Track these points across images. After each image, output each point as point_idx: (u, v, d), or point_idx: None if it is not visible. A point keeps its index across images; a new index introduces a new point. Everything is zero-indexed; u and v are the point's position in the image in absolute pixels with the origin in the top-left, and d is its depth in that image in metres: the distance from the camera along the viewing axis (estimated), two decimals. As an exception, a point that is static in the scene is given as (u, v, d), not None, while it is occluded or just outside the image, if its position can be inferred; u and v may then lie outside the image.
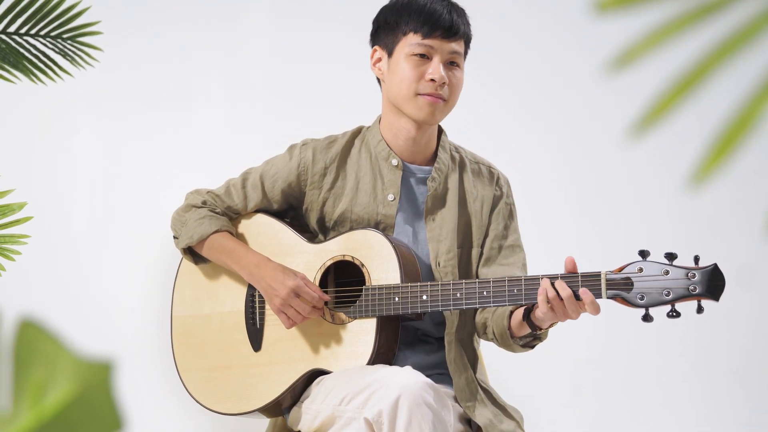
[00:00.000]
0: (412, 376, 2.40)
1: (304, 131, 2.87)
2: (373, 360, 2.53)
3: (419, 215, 2.68)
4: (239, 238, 2.75)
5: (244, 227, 2.76)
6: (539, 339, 2.55)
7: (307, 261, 2.66)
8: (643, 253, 2.35)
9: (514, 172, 2.92)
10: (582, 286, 2.36)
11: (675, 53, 0.90)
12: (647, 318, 2.33)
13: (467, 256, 2.67)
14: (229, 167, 2.92)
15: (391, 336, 2.57)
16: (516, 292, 2.43)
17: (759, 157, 3.64)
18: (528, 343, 2.55)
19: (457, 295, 2.48)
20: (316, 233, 2.73)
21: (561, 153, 3.79)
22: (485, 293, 2.46)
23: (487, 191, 2.72)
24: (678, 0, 0.82)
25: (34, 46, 2.08)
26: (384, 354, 2.55)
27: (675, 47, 0.84)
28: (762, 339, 3.73)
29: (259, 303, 2.70)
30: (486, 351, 2.83)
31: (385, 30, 2.63)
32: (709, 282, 2.31)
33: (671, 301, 2.32)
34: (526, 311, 2.47)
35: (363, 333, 2.56)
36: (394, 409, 2.35)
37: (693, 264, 2.33)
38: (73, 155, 3.58)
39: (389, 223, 2.66)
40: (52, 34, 2.06)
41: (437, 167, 2.68)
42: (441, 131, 2.73)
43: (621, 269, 2.36)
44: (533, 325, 2.46)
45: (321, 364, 2.60)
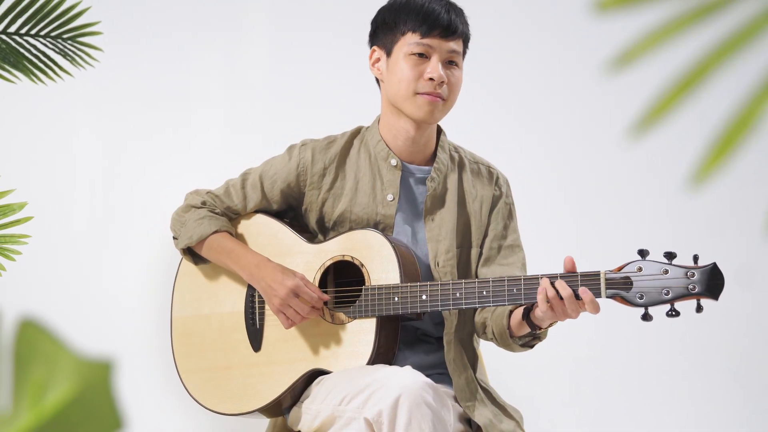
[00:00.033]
0: (412, 376, 2.40)
1: (304, 131, 2.87)
2: (373, 360, 2.53)
3: (418, 215, 2.68)
4: (239, 238, 2.75)
5: (243, 227, 2.76)
6: (539, 338, 2.55)
7: (307, 261, 2.66)
8: (643, 253, 2.35)
9: (514, 172, 2.92)
10: (581, 285, 2.36)
11: (675, 53, 0.90)
12: (647, 317, 2.33)
13: (466, 256, 2.67)
14: (229, 167, 2.92)
15: (391, 336, 2.57)
16: (515, 291, 2.43)
17: (759, 157, 3.64)
18: (527, 343, 2.55)
19: (457, 295, 2.48)
20: (315, 233, 2.73)
21: (561, 153, 3.79)
22: (485, 293, 2.46)
23: (487, 191, 2.72)
24: (678, 0, 0.82)
25: (34, 46, 2.07)
26: (384, 354, 2.55)
27: (675, 47, 0.84)
28: (762, 339, 3.73)
29: (259, 303, 2.70)
30: (486, 351, 2.83)
31: (384, 30, 2.63)
32: (709, 281, 2.31)
33: (670, 301, 2.32)
34: (525, 311, 2.46)
35: (363, 333, 2.56)
36: (394, 409, 2.35)
37: (692, 263, 2.33)
38: (73, 155, 3.58)
39: (388, 223, 2.66)
40: (52, 34, 2.06)
41: (436, 167, 2.68)
42: (440, 131, 2.73)
43: (620, 268, 2.36)
44: (533, 325, 2.46)
45: (321, 364, 2.60)
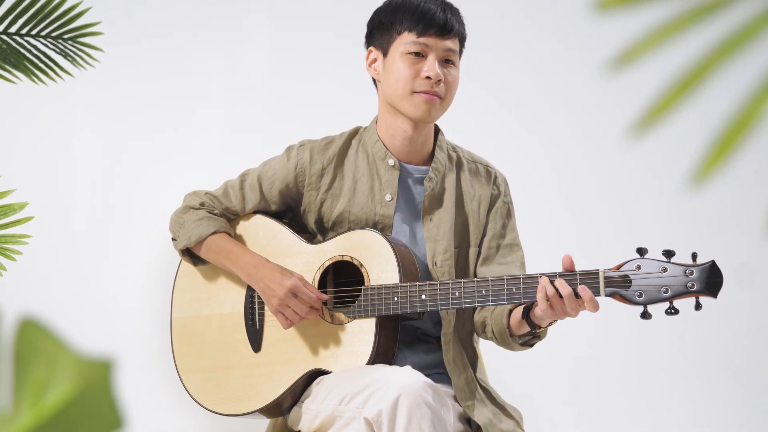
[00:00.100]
0: (411, 375, 2.40)
1: (304, 131, 2.87)
2: (373, 360, 2.53)
3: (417, 215, 2.68)
4: (238, 239, 2.75)
5: (242, 228, 2.76)
6: (538, 337, 2.55)
7: (306, 261, 2.66)
8: (641, 251, 2.35)
9: (513, 171, 2.92)
10: (580, 283, 2.36)
11: (675, 53, 0.90)
12: (646, 315, 2.33)
13: (465, 255, 2.67)
14: (229, 167, 2.92)
15: (391, 336, 2.57)
16: (514, 290, 2.43)
17: (759, 157, 3.64)
18: (527, 342, 2.55)
19: (456, 295, 2.48)
20: (314, 234, 2.73)
21: (561, 153, 3.79)
22: (484, 292, 2.46)
23: (485, 190, 2.72)
24: (678, 0, 0.82)
25: (35, 46, 2.08)
26: (383, 354, 2.55)
27: (675, 47, 0.84)
28: (762, 339, 3.73)
29: (259, 304, 2.70)
30: (485, 350, 2.83)
31: (380, 30, 2.64)
32: (708, 279, 2.31)
33: (669, 298, 2.32)
34: (525, 310, 2.46)
35: (362, 333, 2.56)
36: (393, 409, 2.35)
37: (691, 261, 2.33)
38: (74, 155, 3.58)
39: (387, 224, 2.66)
40: (53, 34, 2.06)
41: (434, 167, 2.68)
42: (438, 131, 2.73)
43: (619, 267, 2.36)
44: (532, 324, 2.46)
45: (321, 364, 2.60)
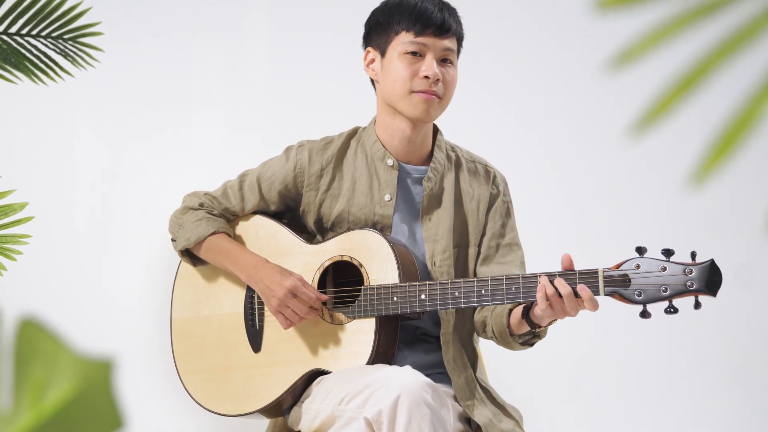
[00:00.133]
0: (411, 375, 2.40)
1: (304, 131, 2.87)
2: (373, 360, 2.53)
3: (416, 215, 2.68)
4: (237, 239, 2.75)
5: (241, 229, 2.76)
6: (538, 337, 2.55)
7: (306, 262, 2.66)
8: (640, 250, 2.35)
9: (514, 171, 2.92)
10: (580, 283, 2.36)
11: (675, 52, 0.90)
12: (645, 314, 2.33)
13: (464, 255, 2.68)
14: (229, 167, 2.92)
15: (390, 335, 2.57)
16: (514, 290, 2.43)
17: (759, 157, 3.64)
18: (527, 341, 2.55)
19: (456, 294, 2.48)
20: (314, 234, 2.73)
21: (561, 153, 3.79)
22: (483, 292, 2.46)
23: (484, 190, 2.72)
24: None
25: (35, 46, 2.08)
26: (383, 353, 2.55)
27: (675, 46, 0.84)
28: (762, 339, 3.73)
29: (258, 304, 2.70)
30: (485, 350, 2.83)
31: (377, 31, 2.64)
32: (707, 277, 2.31)
33: (669, 297, 2.32)
34: (525, 309, 2.47)
35: (362, 333, 2.56)
36: (393, 409, 2.35)
37: (690, 260, 2.33)
38: (74, 155, 3.58)
39: (386, 224, 2.66)
40: (53, 34, 2.07)
41: (433, 167, 2.68)
42: (436, 130, 2.73)
43: (618, 266, 2.36)
44: (532, 323, 2.46)
45: (321, 364, 2.60)
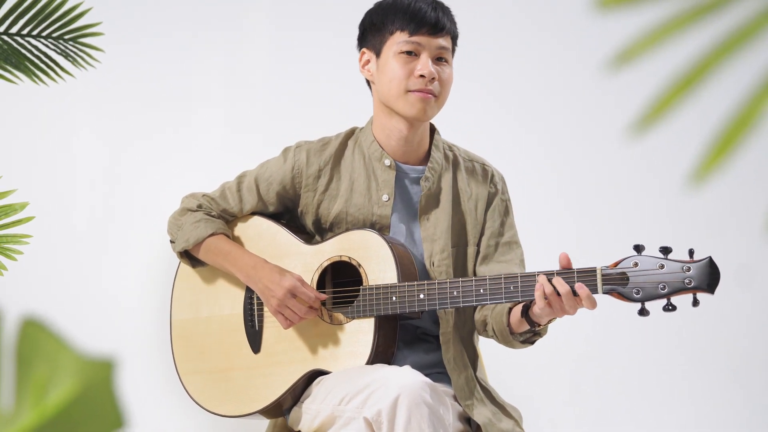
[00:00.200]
0: (411, 375, 2.40)
1: (304, 131, 2.87)
2: (372, 360, 2.53)
3: (414, 215, 2.68)
4: (236, 240, 2.75)
5: (240, 230, 2.76)
6: (539, 335, 2.55)
7: (305, 262, 2.66)
8: (638, 248, 2.35)
9: (513, 171, 2.92)
10: (578, 281, 2.36)
11: (675, 52, 0.90)
12: (643, 312, 2.33)
13: (463, 254, 2.68)
14: (229, 167, 2.92)
15: (390, 335, 2.57)
16: (512, 289, 2.43)
17: (759, 157, 3.64)
18: (528, 339, 2.55)
19: (454, 294, 2.48)
20: (312, 234, 2.73)
21: (560, 152, 3.79)
22: (482, 291, 2.46)
23: (482, 189, 2.73)
24: (678, -1, 0.82)
25: (35, 47, 2.08)
26: (382, 353, 2.56)
27: (675, 46, 0.84)
28: (762, 339, 3.73)
29: (258, 305, 2.70)
30: (485, 350, 2.83)
31: (372, 31, 2.65)
32: (705, 275, 2.31)
33: (667, 295, 2.32)
34: (524, 308, 2.47)
35: (361, 333, 2.56)
36: (393, 409, 2.36)
37: (688, 258, 2.33)
38: (74, 155, 3.58)
39: (384, 224, 2.66)
40: (54, 35, 2.07)
41: (430, 166, 2.68)
42: (434, 130, 2.74)
43: (616, 264, 2.36)
44: (532, 322, 2.47)
45: (320, 364, 2.60)
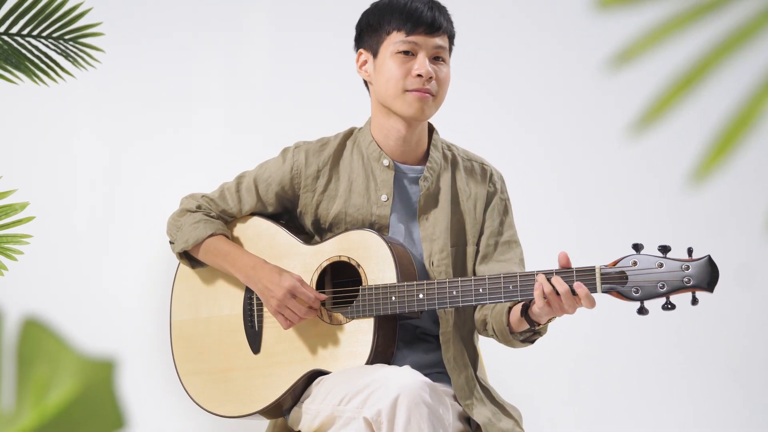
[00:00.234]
0: (410, 375, 2.40)
1: (304, 131, 2.87)
2: (372, 360, 2.54)
3: (413, 215, 2.68)
4: (235, 241, 2.75)
5: (239, 230, 2.76)
6: (539, 333, 2.55)
7: (304, 263, 2.66)
8: (637, 247, 2.35)
9: (513, 171, 2.92)
10: (576, 280, 2.36)
11: (675, 52, 0.90)
12: (642, 311, 2.33)
13: (462, 254, 2.68)
14: (229, 167, 2.92)
15: (389, 335, 2.57)
16: (511, 288, 2.43)
17: (759, 157, 3.64)
18: (528, 338, 2.55)
19: (453, 293, 2.49)
20: (312, 235, 2.73)
21: (560, 152, 3.79)
22: (481, 290, 2.46)
23: (480, 189, 2.73)
24: (678, -1, 0.82)
25: (36, 47, 2.08)
26: (382, 353, 2.56)
27: (675, 46, 0.84)
28: (762, 339, 3.74)
29: (257, 305, 2.70)
30: (485, 350, 2.83)
31: (369, 32, 2.65)
32: (704, 273, 2.31)
33: (666, 294, 2.32)
34: (524, 307, 2.47)
35: (361, 333, 2.56)
36: (392, 409, 2.36)
37: (687, 256, 2.33)
38: (74, 155, 3.58)
39: (383, 224, 2.66)
40: (54, 35, 2.07)
41: (429, 166, 2.68)
42: (432, 130, 2.74)
43: (615, 263, 2.36)
44: (531, 321, 2.47)
45: (320, 364, 2.60)
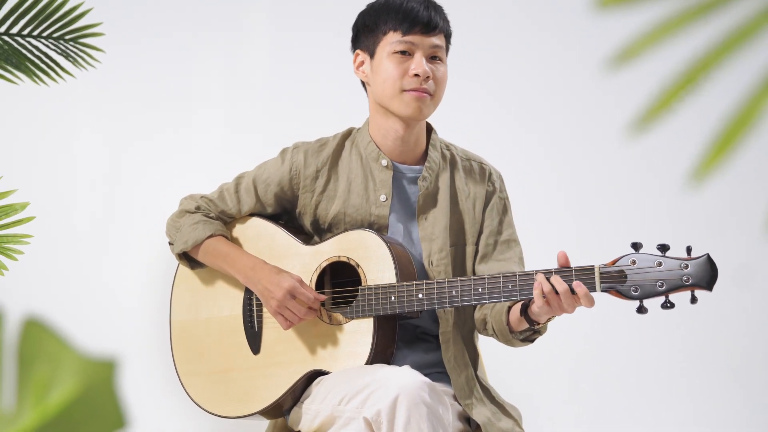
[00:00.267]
0: (410, 375, 2.40)
1: (304, 131, 2.87)
2: (371, 359, 2.54)
3: (412, 215, 2.68)
4: (235, 242, 2.75)
5: (239, 231, 2.76)
6: (539, 333, 2.55)
7: (303, 263, 2.66)
8: (636, 246, 2.35)
9: (513, 171, 2.92)
10: (576, 279, 2.36)
11: (675, 51, 0.90)
12: (642, 310, 2.33)
13: (461, 254, 2.68)
14: (229, 167, 2.92)
15: (389, 335, 2.57)
16: (511, 287, 2.43)
17: (759, 156, 3.64)
18: (528, 337, 2.55)
19: (453, 293, 2.49)
20: (311, 235, 2.73)
21: (560, 152, 3.79)
22: (480, 290, 2.46)
23: (479, 188, 2.73)
24: (678, -1, 0.83)
25: (36, 47, 2.08)
26: (382, 353, 2.56)
27: (675, 45, 0.84)
28: (762, 339, 3.74)
29: (257, 306, 2.70)
30: (484, 350, 2.83)
31: (365, 33, 2.65)
32: (703, 272, 2.31)
33: (665, 292, 2.32)
34: (523, 306, 2.47)
35: (360, 333, 2.56)
36: (392, 409, 2.36)
37: (686, 255, 2.33)
38: (75, 155, 3.58)
39: (382, 224, 2.66)
40: (54, 35, 2.07)
41: (428, 166, 2.68)
42: (431, 129, 2.74)
43: (614, 262, 2.36)
44: (531, 320, 2.47)
45: (320, 365, 2.60)
